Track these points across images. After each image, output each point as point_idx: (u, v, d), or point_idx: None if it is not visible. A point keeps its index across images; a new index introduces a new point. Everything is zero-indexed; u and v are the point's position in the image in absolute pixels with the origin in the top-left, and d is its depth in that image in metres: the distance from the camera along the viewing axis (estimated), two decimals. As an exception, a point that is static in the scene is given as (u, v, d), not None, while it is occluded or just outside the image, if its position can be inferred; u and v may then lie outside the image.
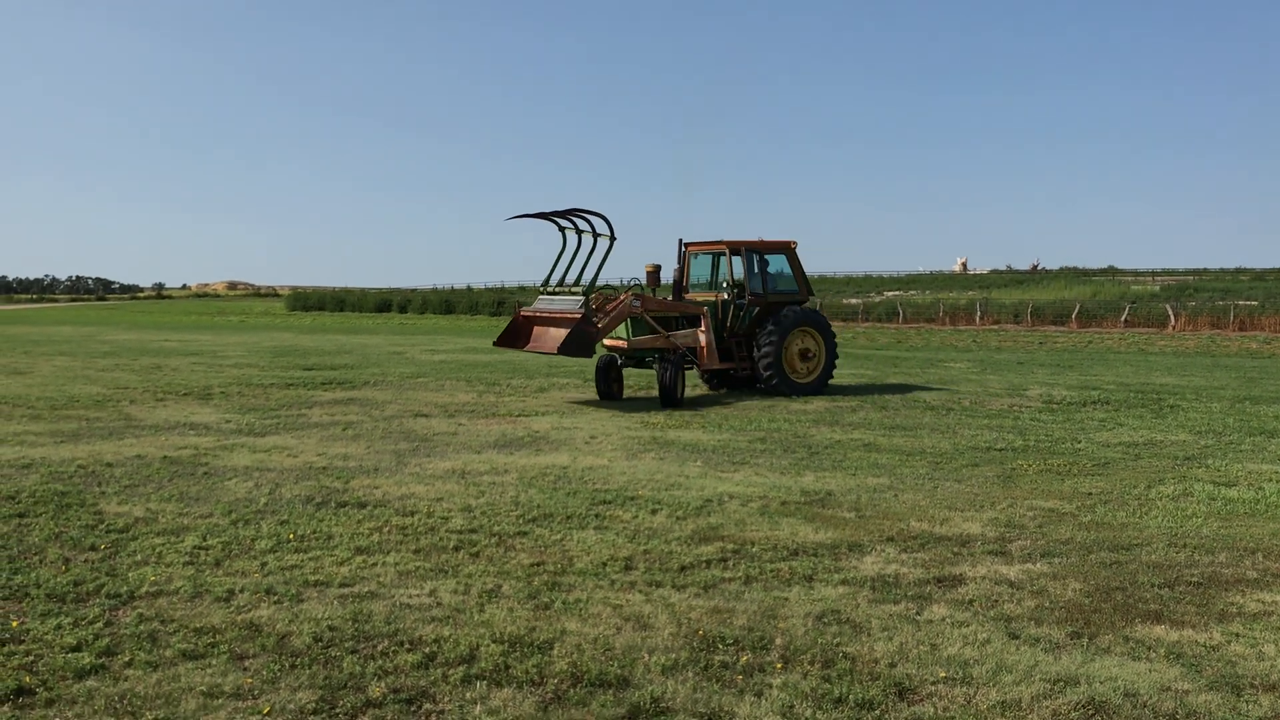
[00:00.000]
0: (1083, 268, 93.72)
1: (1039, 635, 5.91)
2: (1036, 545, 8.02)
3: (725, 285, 19.88)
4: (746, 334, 19.76)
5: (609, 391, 18.56)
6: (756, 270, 20.00)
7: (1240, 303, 55.36)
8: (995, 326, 55.52)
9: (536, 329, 18.20)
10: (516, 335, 18.52)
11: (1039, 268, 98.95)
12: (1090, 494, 10.19)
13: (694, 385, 21.17)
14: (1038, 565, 7.44)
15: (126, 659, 5.23)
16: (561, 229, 18.77)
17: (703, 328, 18.98)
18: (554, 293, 18.65)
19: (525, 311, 18.66)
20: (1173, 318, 52.32)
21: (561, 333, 17.30)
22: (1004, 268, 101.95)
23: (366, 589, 6.52)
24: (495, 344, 18.67)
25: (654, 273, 19.46)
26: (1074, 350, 40.62)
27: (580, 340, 17.06)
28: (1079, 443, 13.85)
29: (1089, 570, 7.32)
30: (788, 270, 20.50)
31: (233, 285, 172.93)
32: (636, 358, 18.92)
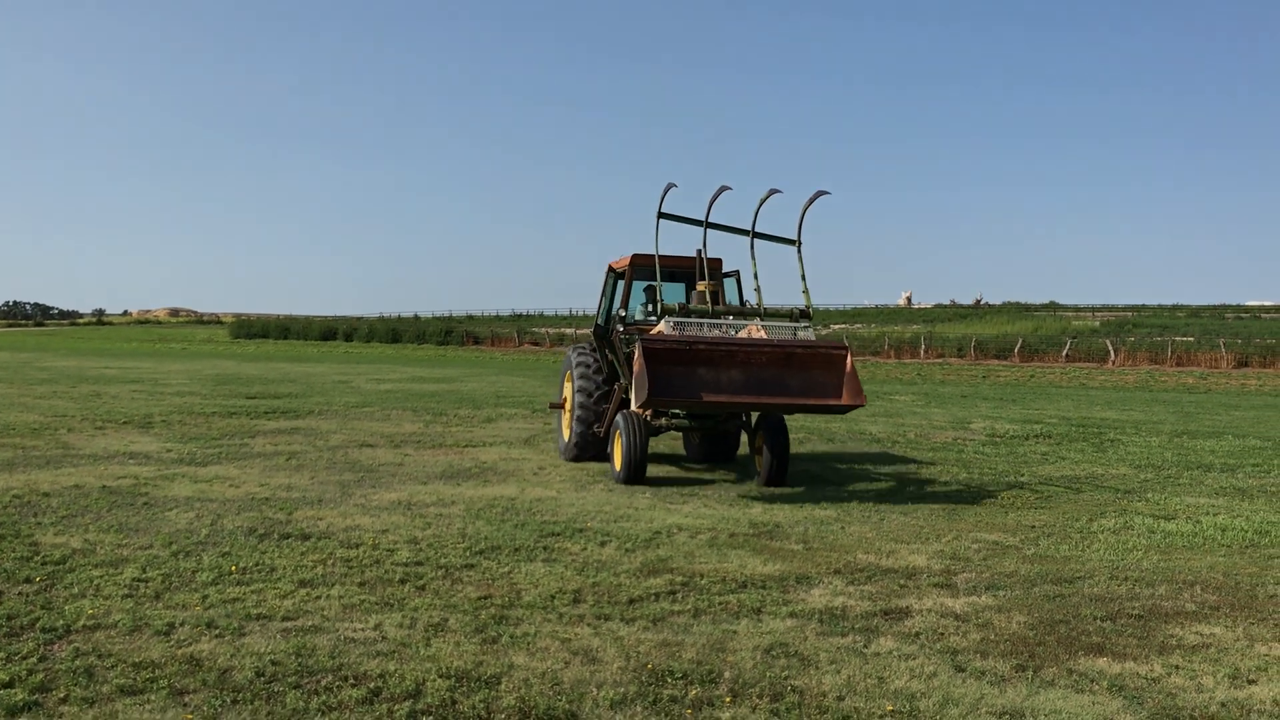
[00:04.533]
0: (1025, 303, 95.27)
1: (985, 668, 5.95)
2: (981, 578, 8.09)
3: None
4: None
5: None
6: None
7: (1178, 339, 56.55)
8: (940, 360, 56.18)
9: (744, 375, 11.93)
10: (677, 383, 11.77)
11: (982, 302, 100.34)
12: (1033, 527, 10.31)
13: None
14: (983, 598, 7.50)
15: (62, 695, 5.09)
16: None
17: None
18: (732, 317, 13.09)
19: (708, 344, 11.88)
20: (1112, 353, 53.26)
21: (839, 387, 12.04)
22: (948, 302, 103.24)
23: (310, 623, 6.41)
24: (650, 400, 11.44)
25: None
26: (1016, 384, 41.20)
27: None
28: (1022, 476, 14.02)
29: (1033, 603, 7.40)
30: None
31: (175, 312, 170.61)
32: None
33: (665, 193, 12.89)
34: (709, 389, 11.86)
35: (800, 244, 13.33)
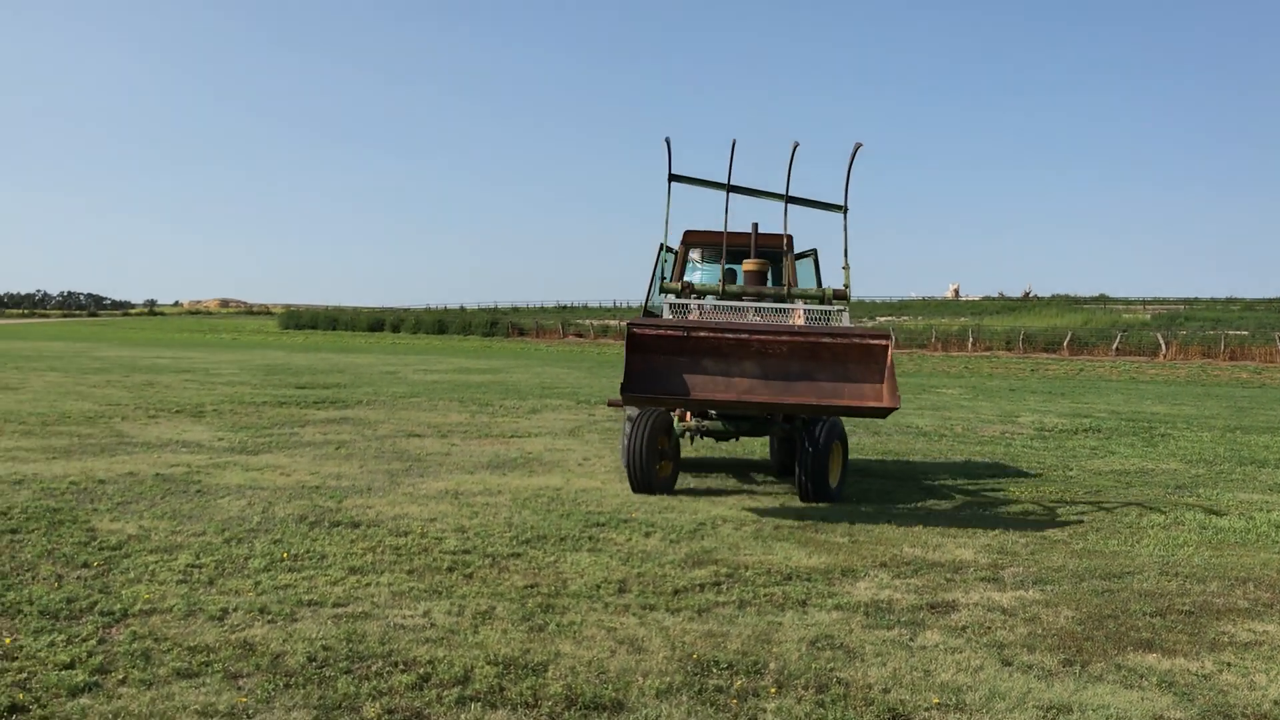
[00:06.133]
0: (1074, 295, 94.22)
1: (1031, 662, 5.93)
2: (1029, 572, 8.04)
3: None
4: None
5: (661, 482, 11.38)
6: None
7: (1231, 332, 55.62)
8: (987, 353, 55.70)
9: (757, 371, 10.12)
10: (674, 381, 10.09)
11: (1031, 295, 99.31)
12: (1082, 521, 10.21)
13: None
14: (1030, 592, 7.46)
15: (120, 677, 5.21)
16: (729, 190, 11.29)
17: None
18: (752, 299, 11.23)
19: (730, 331, 10.09)
20: (1164, 346, 52.53)
21: (878, 376, 10.06)
22: (996, 294, 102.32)
23: (360, 609, 6.51)
24: (623, 398, 9.96)
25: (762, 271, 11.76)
26: (1066, 378, 40.76)
27: None
28: (1070, 470, 13.89)
29: (1081, 598, 7.34)
30: None
31: (225, 303, 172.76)
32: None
33: (670, 151, 11.15)
34: (708, 384, 10.06)
35: (847, 210, 11.18)
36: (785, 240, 12.17)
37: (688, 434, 11.89)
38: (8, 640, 5.68)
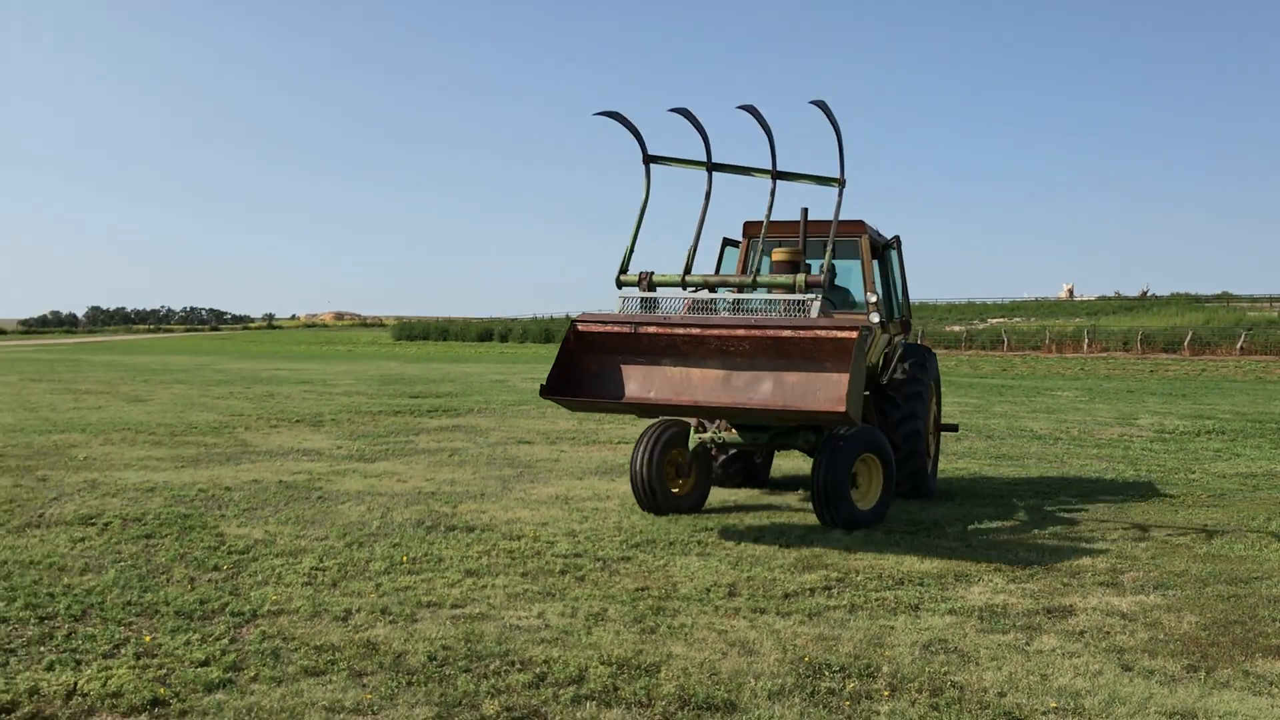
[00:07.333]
0: (1195, 293, 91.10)
1: (1154, 668, 5.80)
2: (1149, 577, 7.85)
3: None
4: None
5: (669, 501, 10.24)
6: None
7: (1365, 329, 53.17)
8: (1104, 354, 54.24)
9: (700, 371, 9.05)
10: (606, 383, 9.29)
11: (1149, 294, 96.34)
12: (1205, 525, 9.92)
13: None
14: (1151, 597, 7.28)
15: (252, 674, 5.44)
16: (711, 169, 9.88)
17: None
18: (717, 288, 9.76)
19: (653, 327, 9.09)
20: (1292, 345, 50.48)
21: (832, 376, 8.53)
22: (1112, 294, 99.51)
23: (477, 610, 6.67)
24: (543, 394, 9.18)
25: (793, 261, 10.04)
26: (1187, 379, 39.47)
27: (862, 385, 8.76)
28: (1193, 473, 13.48)
29: (1205, 603, 7.14)
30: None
31: (340, 315, 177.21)
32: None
33: (634, 129, 9.75)
34: (650, 385, 9.08)
35: (844, 184, 9.40)
36: (854, 228, 10.98)
37: (708, 446, 10.49)
38: (148, 638, 5.97)
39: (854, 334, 8.34)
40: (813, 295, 9.00)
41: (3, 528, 8.93)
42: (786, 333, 8.61)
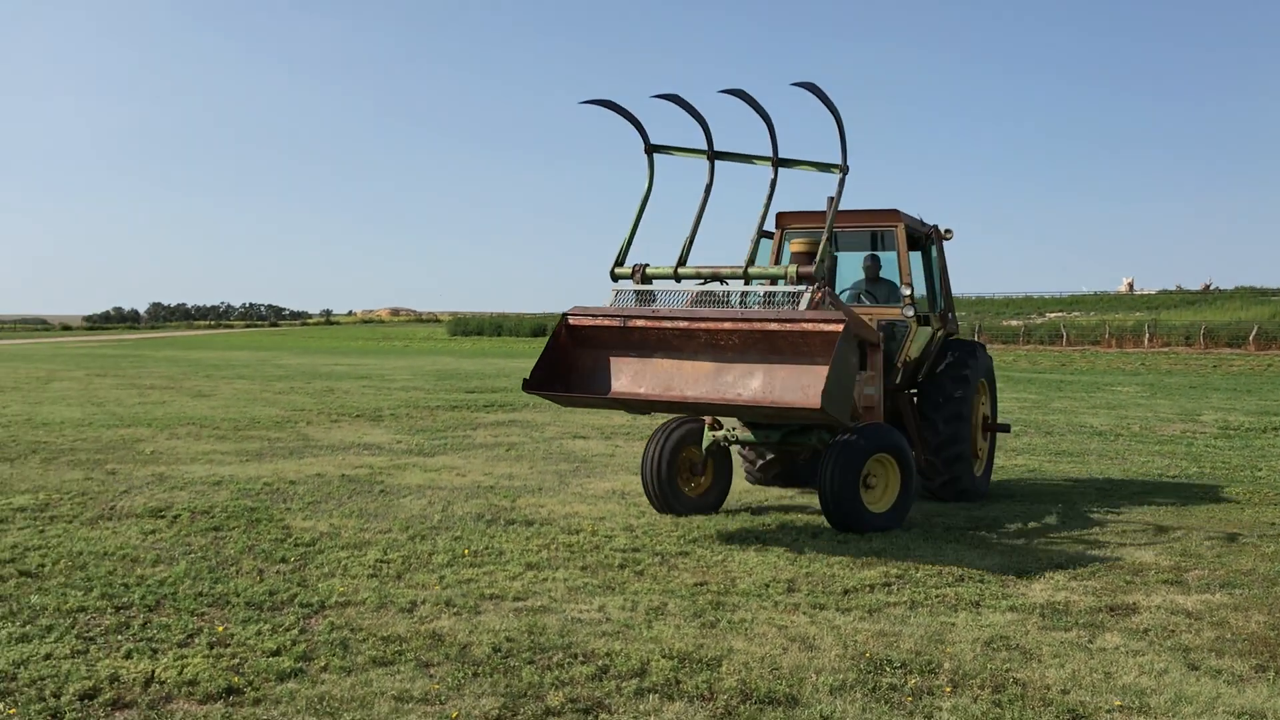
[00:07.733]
0: (1260, 287, 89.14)
1: (1220, 667, 5.74)
2: (1215, 575, 7.75)
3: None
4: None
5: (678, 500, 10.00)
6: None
7: None
8: (1165, 349, 53.34)
9: (688, 365, 8.93)
10: (593, 378, 9.26)
11: (1212, 287, 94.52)
12: (1273, 524, 9.76)
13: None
14: (1217, 596, 7.20)
15: (322, 664, 5.56)
16: (712, 157, 9.62)
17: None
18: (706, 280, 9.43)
19: (642, 320, 8.99)
20: (1362, 339, 49.36)
21: (814, 371, 8.27)
22: (1173, 288, 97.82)
23: (539, 603, 6.76)
24: (526, 389, 9.01)
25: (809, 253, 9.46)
26: (1252, 374, 38.68)
27: (849, 382, 8.51)
28: (1259, 471, 13.26)
29: (1274, 602, 7.05)
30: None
31: (396, 311, 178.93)
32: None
33: (633, 119, 9.53)
34: (641, 381, 8.97)
35: (846, 170, 8.98)
36: (890, 216, 10.63)
37: (721, 444, 10.17)
38: (220, 628, 6.12)
39: (839, 327, 8.09)
40: (804, 288, 8.71)
41: (76, 520, 9.18)
42: (772, 325, 8.39)
